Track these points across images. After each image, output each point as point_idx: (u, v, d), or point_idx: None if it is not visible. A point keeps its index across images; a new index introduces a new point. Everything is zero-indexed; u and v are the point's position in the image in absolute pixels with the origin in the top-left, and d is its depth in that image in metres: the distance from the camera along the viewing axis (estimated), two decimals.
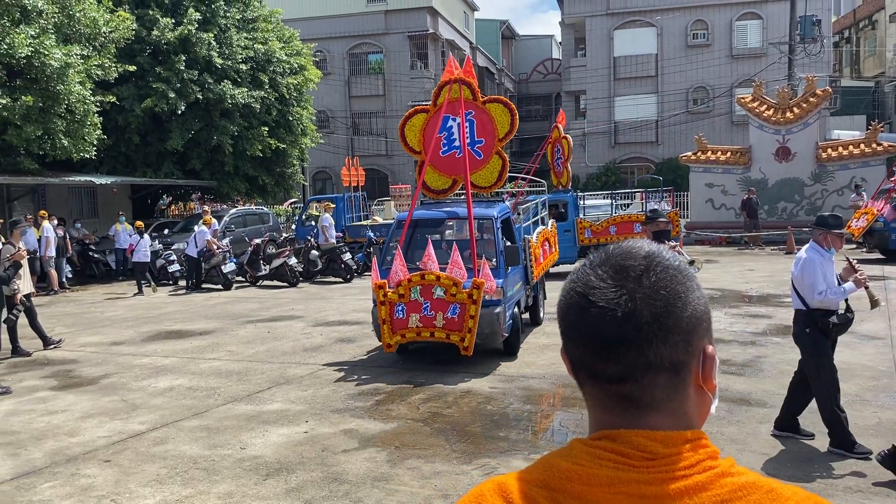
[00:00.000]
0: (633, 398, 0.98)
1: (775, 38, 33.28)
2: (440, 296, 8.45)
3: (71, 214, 22.26)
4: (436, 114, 9.85)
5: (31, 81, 17.34)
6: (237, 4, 24.71)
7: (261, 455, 6.03)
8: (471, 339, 8.38)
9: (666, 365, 0.97)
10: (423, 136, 9.97)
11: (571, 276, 1.04)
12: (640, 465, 0.95)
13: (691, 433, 0.98)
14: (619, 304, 0.96)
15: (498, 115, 9.69)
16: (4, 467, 5.97)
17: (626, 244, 1.05)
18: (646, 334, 0.95)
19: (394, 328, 8.61)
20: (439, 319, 8.46)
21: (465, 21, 49.44)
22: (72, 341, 11.50)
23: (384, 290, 8.57)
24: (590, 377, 1.01)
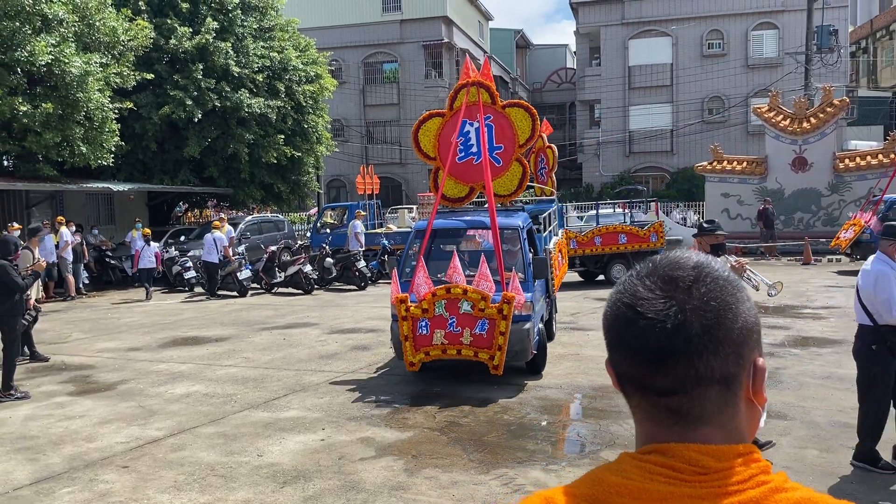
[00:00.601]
0: (682, 411, 0.97)
1: (791, 48, 33.16)
2: (467, 311, 7.88)
3: (88, 221, 22.44)
4: (452, 118, 9.45)
5: (51, 89, 17.53)
6: (254, 14, 24.89)
7: (278, 462, 6.03)
8: (501, 357, 7.86)
9: (716, 377, 0.96)
10: (438, 141, 9.56)
11: (618, 287, 1.03)
12: (692, 479, 0.93)
13: (743, 447, 0.97)
14: (669, 316, 0.95)
15: (518, 121, 9.31)
16: (23, 472, 6.00)
17: (673, 255, 1.03)
18: (696, 346, 0.94)
19: (417, 345, 8.03)
20: (466, 336, 7.91)
21: (480, 30, 49.57)
22: (89, 347, 11.57)
23: (406, 304, 7.98)
24: (638, 390, 1.00)
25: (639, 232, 17.21)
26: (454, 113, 9.42)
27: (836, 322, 11.49)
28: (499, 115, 9.33)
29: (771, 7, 36.81)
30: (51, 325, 14.05)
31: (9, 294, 8.54)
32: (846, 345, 9.90)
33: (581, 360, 9.36)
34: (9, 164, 20.54)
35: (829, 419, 6.68)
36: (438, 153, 9.59)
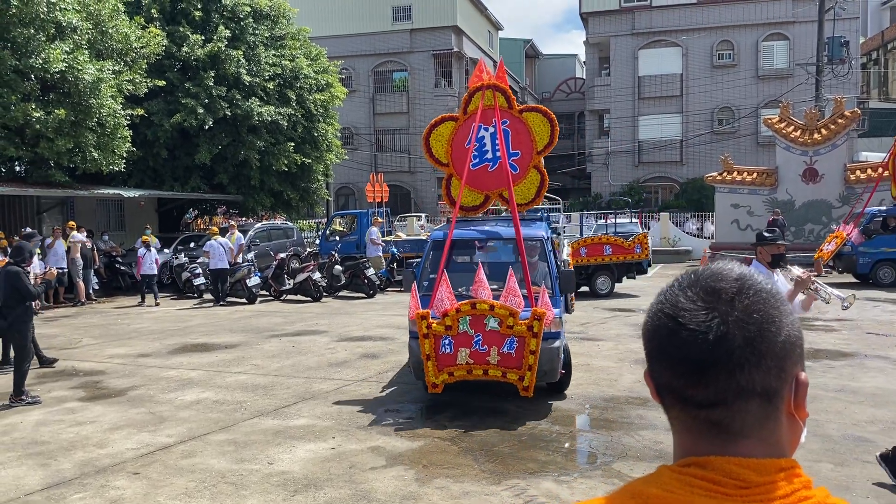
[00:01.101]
0: (723, 424, 0.96)
1: (802, 59, 33.12)
2: (494, 328, 7.33)
3: (99, 227, 22.54)
4: (465, 122, 9.01)
5: (65, 95, 17.66)
6: (266, 22, 25.04)
7: (288, 471, 6.01)
8: (531, 378, 7.31)
9: (758, 391, 0.95)
10: (450, 146, 9.10)
11: (659, 298, 1.02)
12: (734, 493, 0.92)
13: (785, 462, 0.96)
14: (711, 327, 0.94)
15: (536, 126, 8.87)
16: (35, 478, 6.01)
17: (715, 266, 1.03)
18: (738, 358, 0.93)
19: (440, 365, 7.44)
20: (494, 355, 7.34)
21: (490, 40, 49.71)
22: (99, 352, 11.60)
23: (427, 320, 7.36)
24: (677, 401, 0.99)
25: (623, 243, 16.98)
26: (468, 117, 9.01)
27: (848, 335, 11.42)
28: (515, 120, 8.91)
29: (782, 18, 36.80)
30: (61, 330, 14.10)
31: (21, 300, 8.58)
32: (859, 357, 9.84)
33: (592, 370, 9.32)
34: (21, 170, 20.67)
35: (843, 433, 6.63)
36: (451, 159, 9.16)
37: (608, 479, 5.74)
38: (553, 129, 8.88)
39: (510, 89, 9.12)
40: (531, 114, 8.98)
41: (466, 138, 8.91)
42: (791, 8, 36.43)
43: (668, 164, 38.49)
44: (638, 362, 9.89)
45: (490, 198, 9.12)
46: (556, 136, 8.90)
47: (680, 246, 28.69)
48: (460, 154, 9.00)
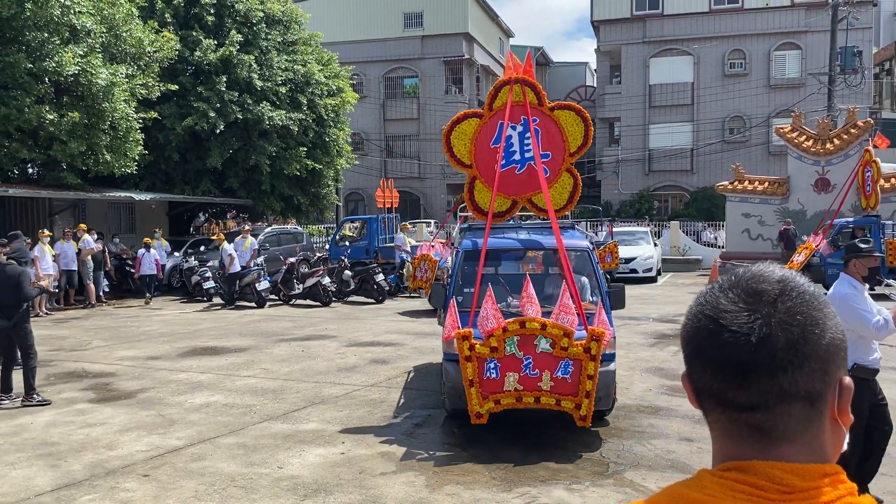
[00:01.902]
0: (765, 428, 0.94)
1: (815, 69, 32.99)
2: (546, 349, 6.49)
3: (109, 229, 22.63)
4: (491, 120, 8.30)
5: (78, 98, 17.76)
6: (278, 27, 25.14)
7: (298, 475, 5.99)
8: (589, 407, 6.48)
9: (801, 394, 0.93)
10: (474, 146, 8.33)
11: (699, 300, 1.01)
12: (777, 498, 0.90)
13: (829, 467, 0.94)
14: (753, 329, 0.92)
15: (569, 125, 8.20)
16: (45, 479, 6.01)
17: (756, 268, 1.01)
18: (780, 361, 0.92)
19: (485, 392, 6.54)
20: (546, 380, 6.51)
21: (501, 47, 49.77)
22: (109, 354, 11.62)
23: (469, 341, 6.49)
24: (718, 405, 0.97)
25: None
26: (493, 114, 8.29)
27: None
28: (546, 119, 8.20)
29: (794, 28, 36.71)
30: (71, 332, 14.14)
31: (22, 301, 8.56)
32: None
33: None
34: (34, 173, 20.78)
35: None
36: (475, 160, 8.38)
37: (620, 488, 5.69)
38: (587, 129, 8.27)
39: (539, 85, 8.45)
40: (563, 112, 8.30)
41: (491, 137, 8.24)
42: (803, 17, 36.33)
43: (678, 172, 38.38)
44: (648, 371, 9.83)
45: (518, 203, 8.40)
46: (591, 136, 8.30)
47: (690, 255, 28.58)
48: (485, 155, 8.31)
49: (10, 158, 17.71)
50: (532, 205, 8.44)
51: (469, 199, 8.45)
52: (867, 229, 18.43)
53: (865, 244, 5.31)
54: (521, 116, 8.17)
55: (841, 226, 18.69)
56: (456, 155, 8.44)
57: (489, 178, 8.27)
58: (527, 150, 8.18)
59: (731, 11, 37.70)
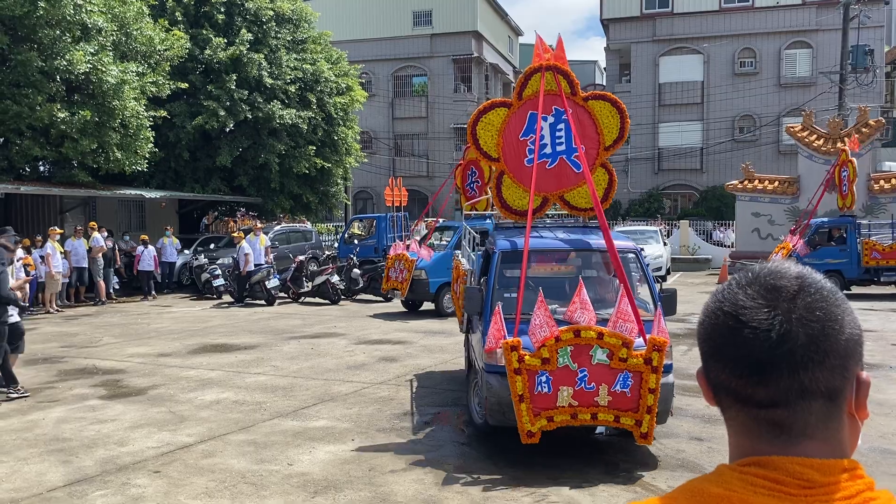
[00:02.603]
0: (785, 424, 0.94)
1: (826, 68, 32.80)
2: (602, 361, 5.90)
3: (120, 227, 22.75)
4: (520, 110, 7.69)
5: (89, 96, 17.84)
6: (288, 26, 25.18)
7: (308, 472, 6.01)
8: (651, 423, 5.89)
9: (821, 390, 0.93)
10: (502, 138, 7.72)
11: (716, 296, 1.00)
12: (797, 493, 0.90)
13: (848, 462, 0.94)
14: (773, 325, 0.92)
15: (604, 117, 7.65)
16: (57, 474, 6.04)
17: (773, 264, 1.01)
18: (801, 357, 0.91)
19: (536, 408, 5.90)
20: (603, 395, 5.92)
21: (510, 45, 49.72)
22: (119, 351, 11.68)
23: (518, 352, 5.86)
24: (736, 401, 0.96)
25: None
26: (523, 103, 7.69)
27: (872, 346, 11.27)
28: (579, 110, 7.64)
29: (805, 26, 36.51)
30: (82, 328, 14.22)
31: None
32: (884, 369, 9.71)
33: None
34: (45, 170, 20.89)
35: (871, 445, 6.54)
36: (503, 153, 7.75)
37: (630, 487, 5.69)
38: (623, 121, 7.70)
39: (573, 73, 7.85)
40: (598, 102, 7.73)
41: (520, 129, 7.65)
42: (814, 16, 36.13)
43: (688, 171, 38.25)
44: None
45: (549, 200, 7.83)
46: (627, 129, 7.74)
47: (700, 254, 28.49)
48: (513, 148, 7.72)
49: (21, 156, 17.82)
50: (564, 202, 7.86)
51: (496, 196, 7.85)
52: (844, 229, 18.44)
53: None
54: (553, 107, 7.57)
55: (817, 225, 18.74)
56: (482, 147, 7.80)
57: (518, 172, 7.69)
58: (558, 144, 7.60)
59: (742, 10, 37.52)
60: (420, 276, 14.64)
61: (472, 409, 7.22)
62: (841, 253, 17.99)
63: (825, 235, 18.69)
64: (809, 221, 18.51)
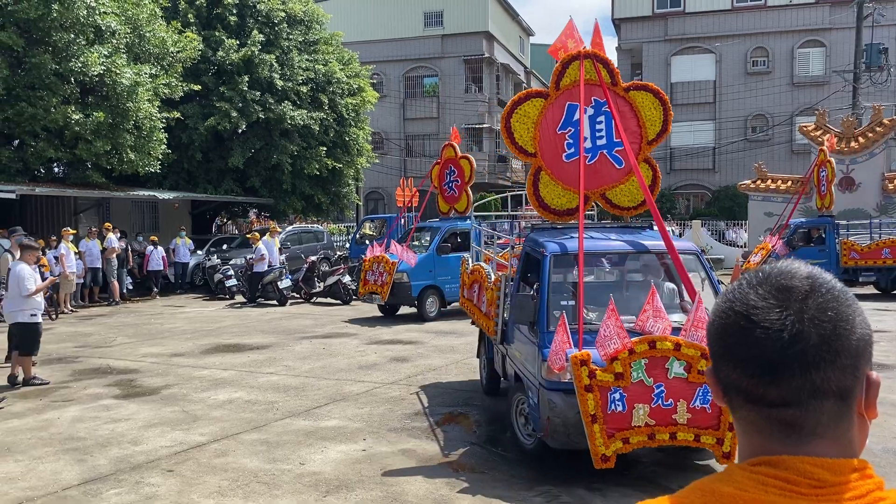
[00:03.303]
0: (796, 424, 0.94)
1: (839, 66, 32.58)
2: (679, 374, 5.39)
3: (133, 228, 22.90)
4: (557, 101, 7.14)
5: (103, 98, 17.99)
6: (300, 27, 25.28)
7: (320, 471, 6.04)
8: (734, 440, 5.30)
9: (833, 390, 0.93)
10: (538, 131, 7.15)
11: (727, 296, 1.00)
12: (808, 492, 0.91)
13: (857, 462, 0.95)
14: (786, 325, 0.92)
15: (646, 109, 7.18)
16: (71, 473, 6.10)
17: (782, 264, 1.01)
18: (813, 357, 0.92)
19: (610, 429, 5.38)
20: (682, 412, 5.41)
21: (521, 45, 49.66)
22: (133, 351, 11.76)
23: (589, 367, 5.34)
24: (748, 401, 0.97)
25: None
26: (560, 93, 7.16)
27: (887, 346, 11.19)
28: (620, 101, 7.15)
29: (818, 25, 36.27)
30: (96, 329, 14.33)
31: None
32: None
33: None
34: (59, 171, 21.06)
35: (884, 446, 6.49)
36: (539, 148, 7.20)
37: (642, 487, 5.68)
38: (666, 113, 7.23)
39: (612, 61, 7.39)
40: (639, 93, 7.24)
41: (557, 121, 7.14)
42: (828, 14, 35.89)
43: (700, 171, 38.07)
44: None
45: (589, 199, 7.31)
46: (670, 122, 7.29)
47: (712, 254, 28.36)
48: (550, 142, 7.17)
49: (36, 158, 17.98)
50: (606, 201, 7.32)
51: (533, 194, 7.26)
52: (822, 230, 18.36)
53: None
54: (592, 97, 7.07)
55: (796, 226, 18.69)
56: (517, 142, 7.19)
57: (556, 168, 7.16)
58: (598, 137, 7.11)
59: (754, 9, 37.33)
60: (402, 279, 14.38)
61: (518, 431, 6.48)
62: (820, 253, 17.89)
63: (804, 236, 18.65)
64: (788, 222, 18.47)
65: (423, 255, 14.81)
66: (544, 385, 5.73)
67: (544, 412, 5.69)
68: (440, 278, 14.99)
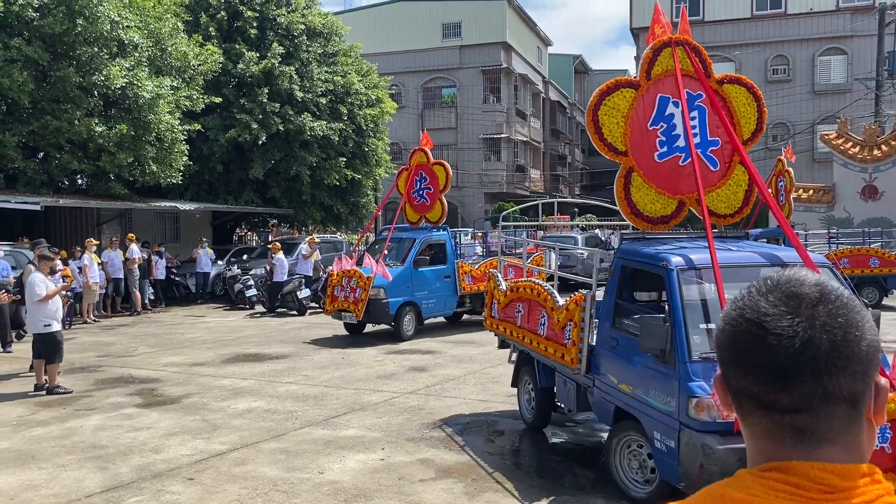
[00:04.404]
0: (807, 430, 0.95)
1: (861, 74, 32.30)
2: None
3: (155, 238, 23.14)
4: (648, 91, 6.37)
5: (125, 111, 18.25)
6: (319, 39, 25.51)
7: (339, 480, 6.06)
8: None
9: (844, 396, 0.94)
10: (629, 126, 6.32)
11: (736, 304, 1.01)
12: (818, 497, 0.92)
13: (867, 467, 0.95)
14: (797, 332, 0.94)
15: (740, 105, 6.49)
16: (94, 480, 6.17)
17: (790, 272, 1.02)
18: (824, 363, 0.93)
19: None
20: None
21: (539, 56, 49.73)
22: (154, 361, 11.87)
23: None
24: (759, 407, 0.98)
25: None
26: (651, 84, 6.38)
27: None
28: (713, 95, 6.43)
29: (839, 32, 36.03)
30: (118, 338, 14.48)
31: None
32: None
33: None
34: (83, 183, 21.37)
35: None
36: (630, 145, 6.35)
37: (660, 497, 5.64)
38: (760, 110, 6.56)
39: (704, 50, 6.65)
40: (733, 86, 6.56)
41: (648, 115, 6.36)
42: (849, 22, 35.65)
43: None
44: None
45: (685, 205, 6.44)
46: (765, 120, 6.61)
47: None
48: (641, 139, 6.37)
49: (60, 169, 18.26)
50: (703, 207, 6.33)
51: (624, 199, 6.39)
52: (781, 239, 18.11)
53: None
54: (685, 90, 6.37)
55: (755, 236, 18.47)
56: (605, 138, 6.33)
57: (648, 170, 6.35)
58: (693, 135, 6.36)
59: (774, 17, 37.16)
60: (378, 295, 13.15)
61: (621, 477, 5.71)
62: None
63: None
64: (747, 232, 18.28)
65: (400, 268, 13.63)
66: (693, 426, 4.86)
67: (692, 458, 4.85)
68: (417, 294, 13.76)
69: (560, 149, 53.37)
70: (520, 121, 44.62)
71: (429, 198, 14.49)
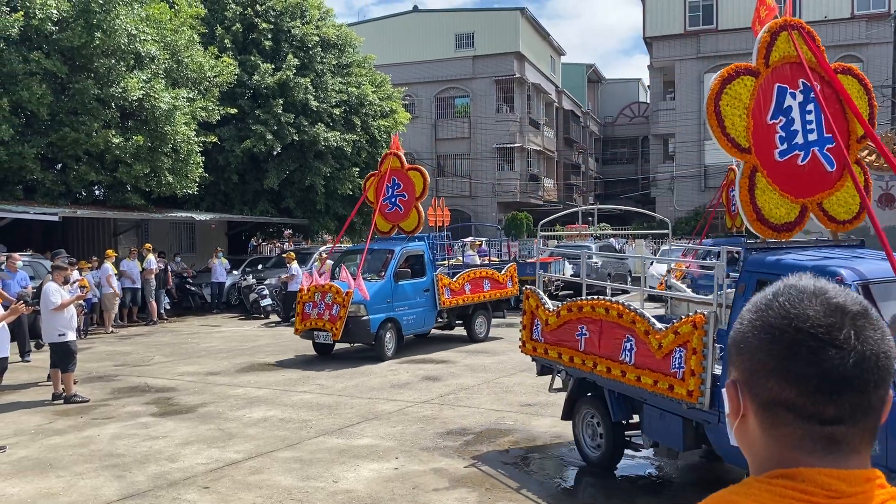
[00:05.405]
0: (842, 441, 0.95)
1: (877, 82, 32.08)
2: None
3: (171, 248, 23.34)
4: (767, 80, 5.60)
5: (142, 122, 18.47)
6: (333, 51, 25.71)
7: (353, 489, 6.08)
8: None
9: (878, 407, 0.96)
10: (752, 119, 5.54)
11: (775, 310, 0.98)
12: (825, 503, 0.93)
13: (870, 472, 0.97)
14: (854, 346, 0.94)
15: (854, 98, 5.84)
16: (111, 489, 6.23)
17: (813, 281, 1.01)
18: (871, 376, 0.94)
19: None
20: None
21: (552, 65, 49.78)
22: (170, 370, 11.96)
23: None
24: (798, 418, 0.96)
25: (499, 277, 14.60)
26: (770, 71, 5.62)
27: None
28: (825, 87, 5.74)
29: (855, 40, 35.83)
30: (134, 348, 14.60)
31: None
32: None
33: None
34: (100, 194, 21.61)
35: None
36: (753, 140, 5.57)
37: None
38: (871, 104, 5.97)
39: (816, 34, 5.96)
40: (846, 77, 5.94)
41: (767, 108, 5.60)
42: (864, 29, 35.46)
43: None
44: None
45: (807, 210, 5.73)
46: (875, 116, 6.02)
47: None
48: (762, 134, 5.60)
49: (78, 181, 18.49)
50: (822, 212, 5.76)
51: (749, 203, 5.60)
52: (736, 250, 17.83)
53: None
54: (800, 80, 5.65)
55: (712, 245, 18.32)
56: (729, 133, 5.52)
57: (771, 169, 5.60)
58: (809, 131, 5.67)
59: None
60: (357, 312, 12.14)
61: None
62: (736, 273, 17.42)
63: (717, 256, 18.12)
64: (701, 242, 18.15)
65: (380, 282, 12.65)
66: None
67: None
68: (398, 309, 12.82)
69: (574, 158, 53.34)
70: (533, 130, 44.66)
71: (403, 205, 13.57)
